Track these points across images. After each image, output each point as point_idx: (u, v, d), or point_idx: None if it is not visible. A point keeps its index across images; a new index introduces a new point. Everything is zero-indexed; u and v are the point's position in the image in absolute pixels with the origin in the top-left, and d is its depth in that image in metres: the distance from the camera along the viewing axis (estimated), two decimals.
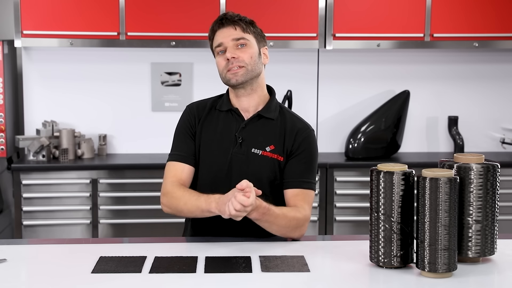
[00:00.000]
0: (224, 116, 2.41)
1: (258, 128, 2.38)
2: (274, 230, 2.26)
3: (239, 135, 2.37)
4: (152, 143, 4.61)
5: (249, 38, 2.34)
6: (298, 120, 2.44)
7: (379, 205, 1.94)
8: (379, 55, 4.67)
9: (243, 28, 2.33)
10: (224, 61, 2.33)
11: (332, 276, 1.94)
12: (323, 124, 4.69)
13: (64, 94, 4.57)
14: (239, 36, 2.33)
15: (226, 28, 2.34)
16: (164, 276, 1.91)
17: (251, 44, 2.34)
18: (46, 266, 2.01)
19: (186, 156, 2.39)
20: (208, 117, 2.42)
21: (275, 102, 2.44)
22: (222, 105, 2.43)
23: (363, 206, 4.24)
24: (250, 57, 2.32)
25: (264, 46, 2.41)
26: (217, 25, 2.37)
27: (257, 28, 2.39)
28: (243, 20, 2.36)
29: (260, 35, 2.40)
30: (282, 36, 4.30)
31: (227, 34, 2.33)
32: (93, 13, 4.20)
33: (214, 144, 2.38)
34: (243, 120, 2.39)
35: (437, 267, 1.87)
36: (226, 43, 2.33)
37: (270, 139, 2.36)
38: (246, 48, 2.33)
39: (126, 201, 4.20)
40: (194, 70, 4.61)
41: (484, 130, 4.77)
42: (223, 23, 2.35)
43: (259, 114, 2.39)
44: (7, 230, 4.48)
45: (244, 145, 2.36)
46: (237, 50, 2.32)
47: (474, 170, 1.97)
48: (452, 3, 4.32)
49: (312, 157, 2.38)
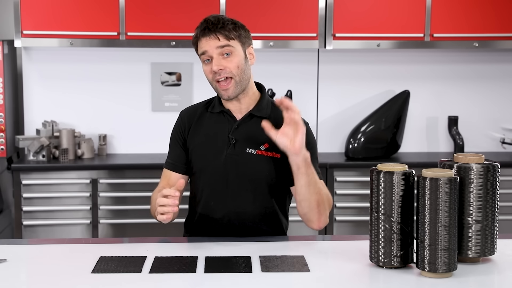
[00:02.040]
0: (216, 118, 2.41)
1: (251, 127, 2.37)
2: (310, 193, 2.24)
3: (232, 136, 2.36)
4: (152, 143, 4.61)
5: (233, 45, 2.29)
6: None
7: (379, 205, 1.94)
8: (379, 55, 4.67)
9: (226, 36, 2.28)
10: (211, 73, 2.31)
11: (332, 276, 1.94)
12: (323, 124, 4.69)
13: (64, 94, 4.57)
14: (223, 44, 2.28)
15: (209, 38, 2.29)
16: (164, 276, 1.91)
17: (236, 51, 2.30)
18: (46, 266, 2.01)
19: (174, 164, 2.44)
20: (199, 122, 2.42)
21: (266, 98, 2.42)
22: (213, 107, 2.42)
23: (363, 206, 4.24)
24: (236, 66, 2.29)
25: (250, 46, 2.37)
26: (200, 33, 2.31)
27: (240, 30, 2.33)
28: (226, 26, 2.29)
29: (244, 36, 2.34)
30: (282, 36, 4.30)
31: (211, 43, 2.28)
32: (93, 13, 4.20)
33: (207, 147, 2.38)
34: (236, 120, 2.38)
35: (437, 267, 1.87)
36: (210, 53, 2.29)
37: (263, 138, 2.31)
38: (232, 57, 2.29)
39: (126, 201, 4.20)
40: (194, 70, 4.62)
41: (484, 130, 4.77)
42: (205, 33, 2.30)
43: (251, 114, 2.38)
44: (7, 230, 4.48)
45: (238, 146, 2.35)
46: (223, 60, 2.28)
47: (474, 170, 1.97)
48: (452, 3, 4.32)
49: (314, 149, 2.37)
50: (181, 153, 2.43)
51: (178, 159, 2.43)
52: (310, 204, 2.26)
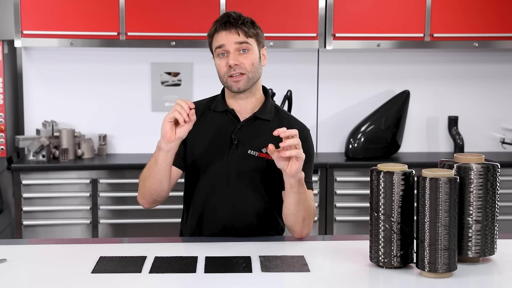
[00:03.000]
0: (219, 117, 2.40)
1: (254, 129, 2.37)
2: (298, 209, 2.24)
3: (235, 136, 2.36)
4: (152, 143, 4.54)
5: (251, 43, 2.32)
6: (295, 120, 2.44)
7: (379, 205, 1.94)
8: (379, 55, 4.67)
9: (245, 32, 2.30)
10: (225, 66, 2.31)
11: (332, 276, 1.94)
12: (323, 124, 4.69)
13: (64, 94, 4.57)
14: (242, 40, 2.30)
15: (229, 32, 2.30)
16: (164, 276, 1.91)
17: (253, 49, 2.32)
18: (46, 266, 2.01)
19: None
20: (202, 120, 2.40)
21: (270, 103, 2.43)
22: (217, 106, 2.42)
23: (363, 206, 4.24)
24: (251, 64, 2.31)
25: (264, 47, 2.40)
26: (220, 27, 2.32)
27: (258, 29, 2.37)
28: (246, 23, 2.32)
29: (261, 36, 2.38)
30: (282, 36, 4.30)
31: (230, 38, 2.30)
32: (93, 13, 4.20)
33: (209, 145, 2.38)
34: (239, 121, 2.38)
35: (437, 267, 1.87)
36: (228, 47, 2.30)
37: (266, 141, 2.34)
38: (248, 54, 2.31)
39: (126, 201, 4.20)
40: (194, 70, 4.62)
41: (484, 130, 4.77)
42: (226, 27, 2.31)
43: (255, 116, 2.38)
44: (7, 230, 4.48)
45: (240, 146, 2.35)
46: (239, 56, 2.30)
47: (474, 170, 1.97)
48: (452, 3, 4.32)
49: (310, 157, 2.38)
50: (181, 147, 2.39)
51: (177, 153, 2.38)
52: (296, 219, 2.27)
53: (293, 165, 2.13)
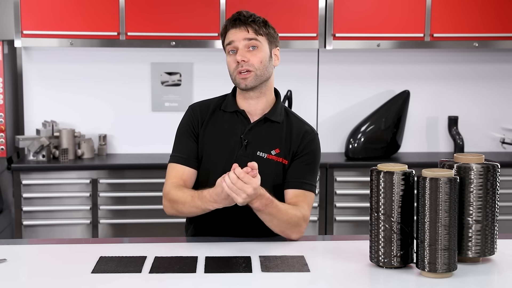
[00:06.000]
0: (229, 117, 2.40)
1: (264, 131, 2.37)
2: (274, 225, 2.23)
3: (245, 138, 2.36)
4: (152, 143, 4.61)
5: (261, 40, 2.33)
6: (304, 123, 2.45)
7: (379, 205, 1.94)
8: (379, 55, 4.67)
9: (255, 30, 2.32)
10: (234, 63, 2.32)
11: (332, 276, 1.94)
12: (323, 124, 4.69)
13: (64, 94, 4.57)
14: (251, 37, 2.31)
15: (238, 29, 2.33)
16: (164, 276, 1.91)
17: (262, 47, 2.33)
18: (46, 266, 2.01)
19: (187, 158, 2.38)
20: (212, 119, 2.40)
21: (281, 105, 2.44)
22: (227, 106, 2.41)
23: (363, 206, 4.24)
24: (260, 61, 2.31)
25: (276, 47, 2.41)
26: (230, 24, 2.35)
27: (270, 29, 2.38)
28: (257, 21, 2.34)
29: (273, 36, 2.39)
30: (282, 36, 4.23)
31: (239, 34, 2.32)
32: (93, 13, 4.20)
33: (219, 146, 2.37)
34: (249, 122, 2.38)
35: (437, 267, 1.87)
36: (237, 43, 2.31)
37: (275, 143, 2.35)
38: (257, 52, 2.32)
39: (126, 201, 4.20)
40: (194, 70, 4.61)
41: (484, 130, 4.77)
42: (236, 24, 2.33)
43: (266, 117, 2.38)
44: (7, 230, 4.48)
45: (249, 148, 2.35)
46: (248, 52, 2.31)
47: (474, 170, 1.97)
48: (452, 3, 4.32)
49: (316, 160, 2.39)
50: (194, 147, 2.38)
51: (191, 153, 2.38)
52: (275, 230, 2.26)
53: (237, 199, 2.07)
